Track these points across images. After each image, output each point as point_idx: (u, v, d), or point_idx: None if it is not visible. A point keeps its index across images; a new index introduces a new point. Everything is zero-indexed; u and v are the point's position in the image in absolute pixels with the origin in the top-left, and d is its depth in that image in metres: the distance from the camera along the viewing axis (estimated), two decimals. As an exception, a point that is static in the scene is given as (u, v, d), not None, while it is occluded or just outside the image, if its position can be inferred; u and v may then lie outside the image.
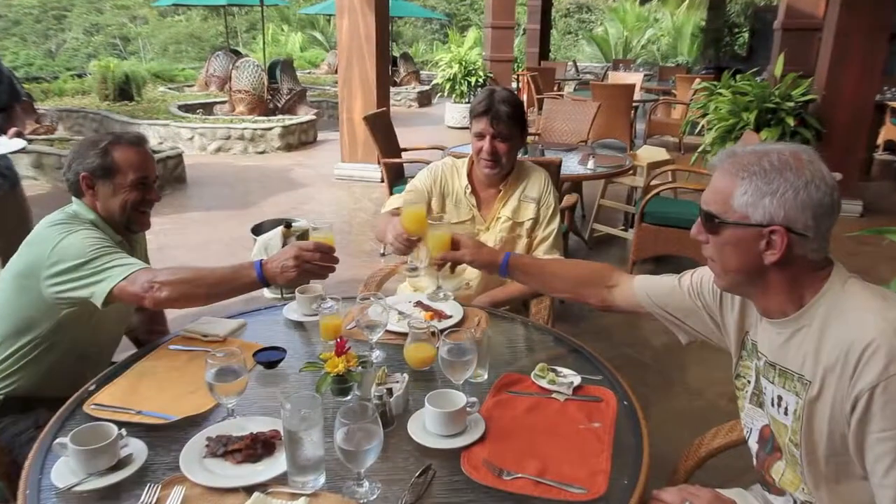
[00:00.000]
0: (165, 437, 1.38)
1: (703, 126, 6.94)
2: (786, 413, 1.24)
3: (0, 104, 2.96)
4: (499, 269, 1.75)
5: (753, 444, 1.39)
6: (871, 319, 1.09)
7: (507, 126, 2.16)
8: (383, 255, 2.09)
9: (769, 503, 1.40)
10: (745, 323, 1.38)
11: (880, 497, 1.09)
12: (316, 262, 1.66)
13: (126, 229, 1.86)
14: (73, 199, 1.83)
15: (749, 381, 1.37)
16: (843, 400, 1.11)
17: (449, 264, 1.79)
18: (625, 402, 1.51)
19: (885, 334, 1.07)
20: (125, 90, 10.97)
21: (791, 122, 5.70)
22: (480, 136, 2.19)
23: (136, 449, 1.31)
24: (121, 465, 1.27)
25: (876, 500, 1.11)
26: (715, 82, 6.76)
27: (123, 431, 1.32)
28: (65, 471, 1.25)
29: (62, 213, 1.78)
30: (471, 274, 2.28)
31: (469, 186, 2.30)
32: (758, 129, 5.71)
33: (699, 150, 6.49)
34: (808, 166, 1.14)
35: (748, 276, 1.23)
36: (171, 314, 2.16)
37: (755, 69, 7.23)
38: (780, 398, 1.25)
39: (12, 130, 2.93)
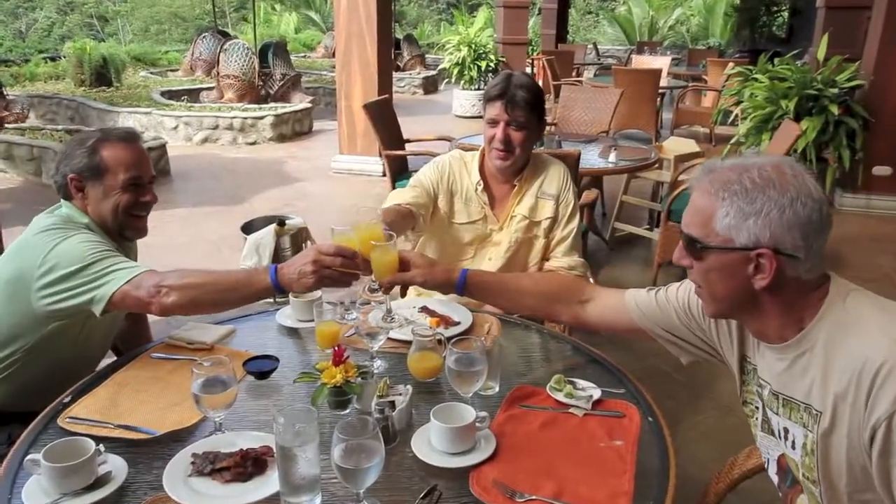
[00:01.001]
0: (147, 453, 1.38)
1: (736, 115, 6.93)
2: (793, 447, 1.23)
3: None
4: (455, 287, 1.71)
5: (773, 475, 1.38)
6: (880, 338, 1.08)
7: (523, 113, 2.16)
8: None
9: None
10: (744, 346, 1.38)
11: None
12: (336, 269, 1.63)
13: (120, 236, 1.85)
14: (63, 201, 1.83)
15: (757, 408, 1.36)
16: (860, 429, 1.09)
17: (398, 287, 1.75)
18: (649, 418, 1.51)
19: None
20: (103, 75, 11.03)
21: (835, 110, 5.66)
22: (493, 122, 2.18)
23: (116, 466, 1.32)
24: (98, 483, 1.27)
25: None
26: (750, 67, 6.75)
27: (101, 447, 1.32)
28: (37, 490, 1.26)
29: (54, 217, 1.78)
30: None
31: (481, 182, 2.30)
32: (798, 119, 5.67)
33: (732, 141, 6.48)
34: (793, 181, 1.13)
35: (738, 303, 1.23)
36: (153, 319, 2.16)
37: (795, 52, 7.22)
38: (786, 430, 1.24)
39: None
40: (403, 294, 1.79)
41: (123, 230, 1.84)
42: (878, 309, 1.14)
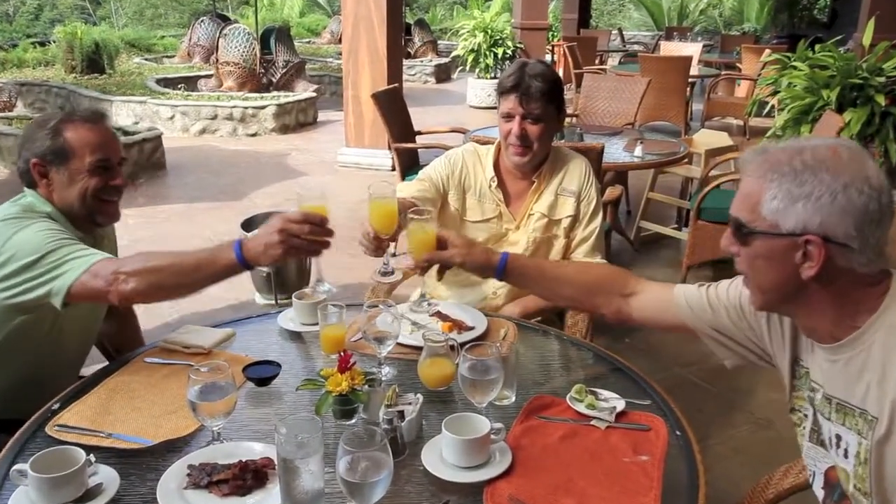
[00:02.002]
0: (141, 464, 1.39)
1: (773, 106, 6.89)
2: (846, 455, 1.21)
3: None
4: (494, 271, 1.72)
5: (819, 490, 1.36)
6: None
7: (539, 105, 2.15)
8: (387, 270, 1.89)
9: None
10: (797, 347, 1.36)
11: None
12: (305, 237, 1.60)
13: (91, 223, 1.85)
14: (26, 189, 1.82)
15: (806, 416, 1.35)
16: None
17: (436, 268, 1.74)
18: (677, 432, 1.50)
19: None
20: (95, 61, 11.12)
21: (882, 100, 5.61)
22: (509, 116, 2.18)
23: (107, 478, 1.32)
24: (89, 496, 1.28)
25: None
26: (789, 54, 6.69)
27: (92, 457, 1.33)
28: (24, 502, 1.27)
29: (14, 206, 1.78)
30: (497, 282, 2.28)
31: (495, 178, 2.29)
32: (840, 110, 5.63)
33: (768, 134, 6.44)
34: (849, 165, 1.11)
35: (785, 294, 1.22)
36: (147, 321, 2.18)
37: (838, 38, 7.15)
38: (838, 438, 1.23)
39: None
40: (441, 275, 1.78)
41: (93, 216, 1.83)
42: None
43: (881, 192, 1.11)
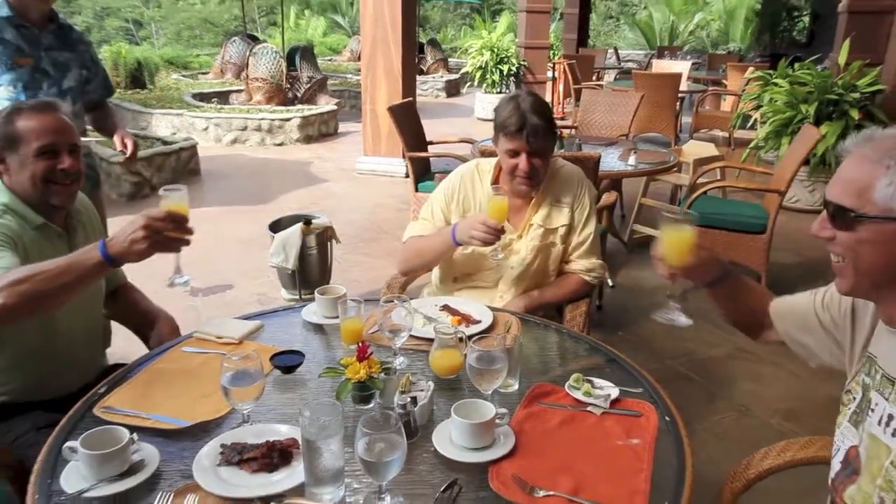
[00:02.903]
0: (178, 443, 1.40)
1: (756, 119, 6.86)
2: (893, 434, 1.18)
3: (95, 101, 2.91)
4: (714, 278, 1.54)
5: (836, 464, 1.34)
6: None
7: (543, 139, 2.12)
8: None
9: None
10: (872, 334, 1.31)
11: None
12: (169, 233, 1.52)
13: (46, 205, 1.79)
14: None
15: (854, 398, 1.32)
16: None
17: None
18: (666, 418, 1.50)
19: None
20: (137, 77, 11.19)
21: (855, 115, 5.59)
22: (515, 153, 2.13)
23: (148, 455, 1.33)
24: (132, 471, 1.29)
25: None
26: (770, 71, 6.68)
27: (135, 436, 1.34)
28: (74, 476, 1.28)
29: None
30: (503, 285, 2.28)
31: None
32: (818, 123, 5.61)
33: (751, 145, 6.42)
34: None
35: (882, 279, 1.15)
36: (177, 318, 2.17)
37: (816, 57, 7.12)
38: (891, 417, 1.19)
39: (129, 140, 2.77)
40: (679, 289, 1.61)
41: (46, 198, 1.77)
42: None
43: None
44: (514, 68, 10.91)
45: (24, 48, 2.56)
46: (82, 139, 2.04)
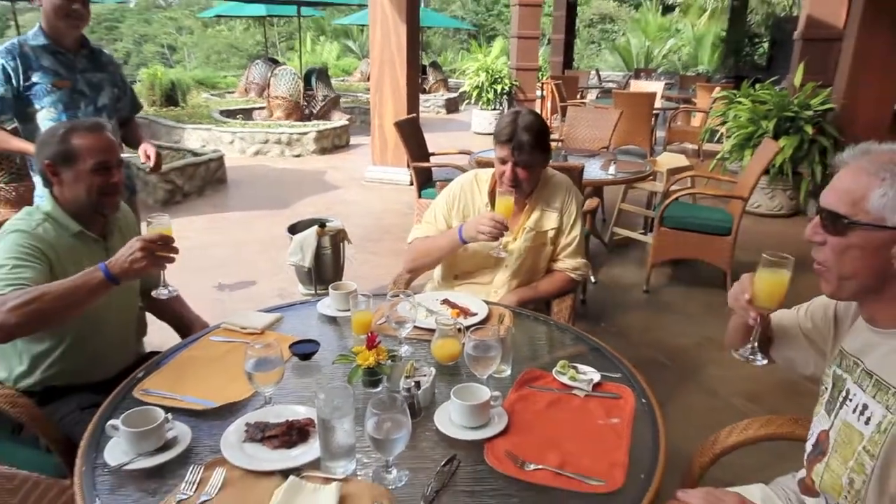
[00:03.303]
0: (207, 422, 1.40)
1: (722, 134, 6.86)
2: (867, 423, 1.16)
3: (125, 117, 2.90)
4: None
5: (809, 445, 1.34)
6: None
7: (528, 154, 2.10)
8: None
9: (800, 501, 1.37)
10: (848, 332, 1.30)
11: None
12: (159, 252, 1.55)
13: (97, 213, 1.81)
14: (44, 189, 1.80)
15: (826, 389, 1.31)
16: None
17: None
18: (642, 400, 1.50)
19: None
20: (171, 96, 11.17)
21: (809, 130, 5.60)
22: (503, 161, 2.14)
23: (181, 432, 1.34)
24: (167, 446, 1.30)
25: None
26: (734, 91, 6.67)
27: (169, 416, 1.34)
28: (116, 450, 1.28)
29: (22, 212, 1.76)
30: (498, 282, 2.28)
31: (489, 203, 2.25)
32: (776, 137, 5.61)
33: (718, 156, 6.41)
34: None
35: (865, 283, 1.13)
36: (207, 310, 2.16)
37: (774, 78, 7.13)
38: (865, 406, 1.17)
39: (152, 151, 2.76)
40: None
41: (99, 208, 1.79)
42: None
43: None
44: (506, 88, 10.89)
45: (61, 72, 2.56)
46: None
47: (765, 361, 1.41)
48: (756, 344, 1.39)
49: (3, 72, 2.46)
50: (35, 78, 2.51)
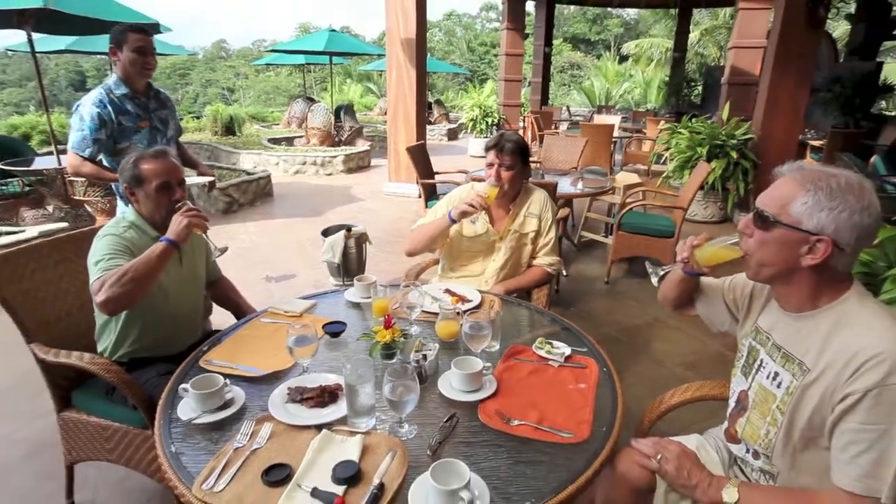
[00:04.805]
0: (257, 386, 1.40)
1: (666, 157, 6.84)
2: (778, 386, 1.16)
3: (171, 138, 2.86)
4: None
5: (731, 402, 1.33)
6: (884, 335, 1.00)
7: (510, 157, 2.13)
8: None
9: (727, 449, 1.36)
10: (763, 310, 1.29)
11: (845, 472, 1.02)
12: (194, 216, 1.64)
13: (166, 223, 1.76)
14: (126, 206, 1.80)
15: (742, 356, 1.31)
16: (835, 392, 1.03)
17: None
18: (604, 369, 1.50)
19: (893, 351, 0.98)
20: (230, 127, 11.17)
21: (734, 155, 5.60)
22: (490, 164, 2.17)
23: (237, 394, 1.34)
24: (226, 406, 1.30)
25: (834, 472, 1.04)
26: (676, 124, 6.65)
27: (227, 381, 1.34)
28: (186, 408, 1.29)
29: (111, 220, 1.76)
30: (489, 273, 2.27)
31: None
32: (709, 160, 5.61)
33: (663, 175, 6.41)
34: (869, 196, 1.02)
35: (779, 272, 1.12)
36: (256, 297, 2.16)
37: (707, 115, 7.12)
38: (776, 374, 1.17)
39: (207, 179, 2.81)
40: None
41: (167, 222, 1.75)
42: (887, 313, 1.05)
43: (878, 219, 1.03)
44: (496, 120, 10.88)
45: (140, 114, 2.56)
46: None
47: (655, 280, 1.43)
48: (662, 273, 1.42)
49: (99, 119, 2.44)
50: (123, 121, 2.50)
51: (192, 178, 2.74)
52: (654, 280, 1.43)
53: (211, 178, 2.89)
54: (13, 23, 4.83)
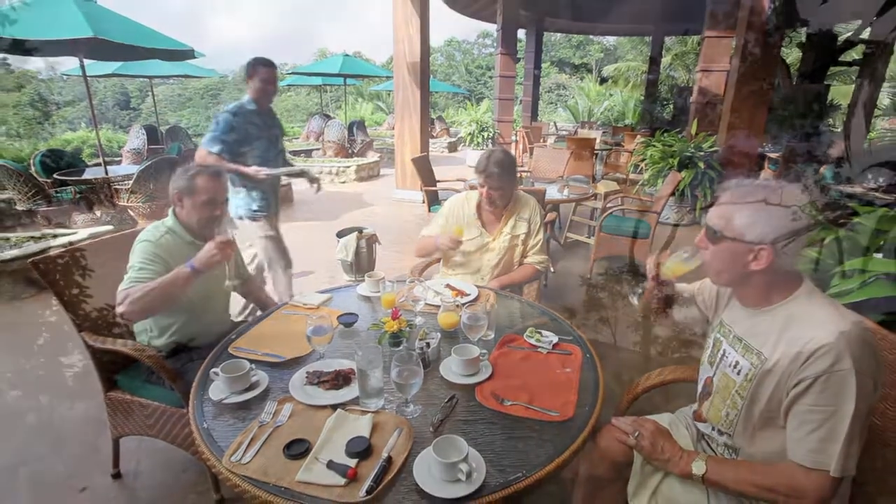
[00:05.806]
0: (279, 370, 1.40)
1: (642, 167, 6.83)
2: (738, 374, 1.17)
3: (281, 151, 2.89)
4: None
5: (699, 387, 1.33)
6: (831, 327, 1.02)
7: (497, 181, 2.10)
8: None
9: (695, 427, 1.36)
10: (726, 306, 1.30)
11: (798, 448, 1.04)
12: (226, 249, 1.58)
13: (203, 234, 1.76)
14: (171, 209, 1.77)
15: (709, 347, 1.31)
16: (790, 377, 1.05)
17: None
18: (587, 355, 1.50)
19: (839, 341, 1.00)
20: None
21: (702, 165, 5.60)
22: (481, 185, 2.15)
23: (261, 377, 1.34)
24: (252, 387, 1.30)
25: (790, 449, 1.06)
26: (651, 138, 6.65)
27: (253, 366, 1.34)
28: (216, 390, 1.29)
29: (151, 226, 1.74)
30: (484, 271, 2.26)
31: (475, 214, 2.23)
32: (680, 170, 5.60)
33: (639, 183, 6.40)
34: (797, 202, 1.05)
35: (734, 277, 1.14)
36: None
37: (678, 129, 7.09)
38: (737, 362, 1.18)
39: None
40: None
41: (204, 230, 1.75)
42: (834, 307, 1.06)
43: (807, 222, 1.05)
44: (491, 134, 10.86)
45: (262, 127, 2.67)
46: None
47: (634, 300, 1.44)
48: (640, 291, 1.43)
49: (231, 125, 2.54)
50: (250, 130, 2.60)
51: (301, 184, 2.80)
52: (634, 300, 1.45)
53: (317, 181, 3.00)
54: (68, 50, 4.90)
